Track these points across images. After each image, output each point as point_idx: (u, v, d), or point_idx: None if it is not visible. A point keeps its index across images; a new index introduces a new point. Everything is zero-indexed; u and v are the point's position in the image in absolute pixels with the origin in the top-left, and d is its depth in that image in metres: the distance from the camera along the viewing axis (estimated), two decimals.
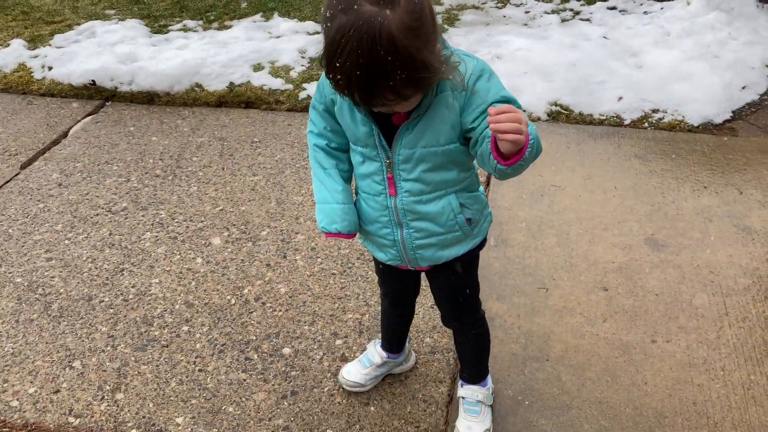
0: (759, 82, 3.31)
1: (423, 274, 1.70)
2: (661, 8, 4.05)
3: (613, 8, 4.18)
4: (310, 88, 3.49)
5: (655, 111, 3.17)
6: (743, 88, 3.27)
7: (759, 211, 2.53)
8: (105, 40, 3.99)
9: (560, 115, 3.20)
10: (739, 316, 2.10)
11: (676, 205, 2.60)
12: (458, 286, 1.61)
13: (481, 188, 1.52)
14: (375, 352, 1.91)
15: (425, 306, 2.20)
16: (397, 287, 1.71)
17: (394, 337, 1.88)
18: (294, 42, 3.90)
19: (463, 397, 1.78)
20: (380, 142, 1.34)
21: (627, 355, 1.98)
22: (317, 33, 4.05)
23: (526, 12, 4.32)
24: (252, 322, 2.19)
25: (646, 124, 3.11)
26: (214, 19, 4.32)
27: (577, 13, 4.21)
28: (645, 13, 4.05)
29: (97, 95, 3.64)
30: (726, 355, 1.96)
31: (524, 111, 1.30)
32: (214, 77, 3.60)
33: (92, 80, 3.65)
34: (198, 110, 3.50)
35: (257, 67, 3.69)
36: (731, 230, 2.45)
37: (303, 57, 3.78)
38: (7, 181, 2.97)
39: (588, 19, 4.07)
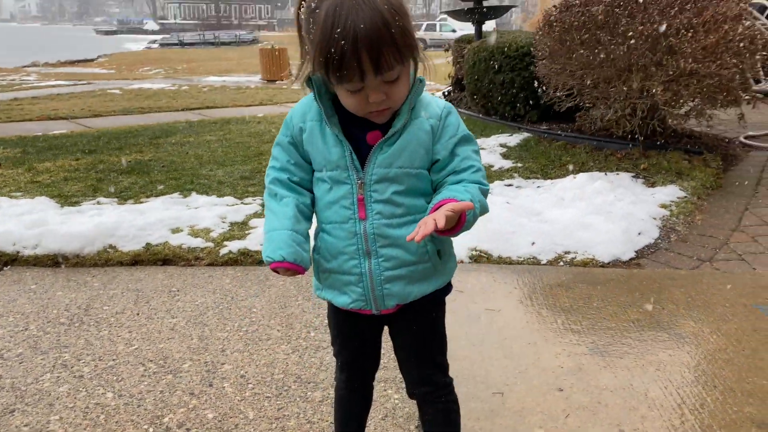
0: (651, 230, 3.64)
1: (384, 343, 1.57)
2: (552, 182, 4.52)
3: (510, 185, 4.61)
4: (232, 245, 3.43)
5: (567, 252, 3.36)
6: (639, 233, 3.57)
7: (684, 321, 2.62)
8: (10, 212, 3.83)
9: (481, 257, 3.31)
10: (696, 403, 2.05)
11: (607, 319, 2.64)
12: (427, 334, 1.49)
13: None
14: None
15: (375, 418, 1.98)
16: (356, 347, 1.55)
17: (350, 430, 1.65)
18: (214, 211, 3.92)
19: None
20: (353, 163, 1.34)
21: None
22: (236, 204, 4.11)
23: None
24: None
25: (562, 263, 3.27)
26: (129, 197, 4.30)
27: None
28: (538, 187, 4.49)
29: None
30: None
31: (479, 148, 1.40)
32: (129, 239, 3.48)
33: None
34: (110, 269, 3.30)
35: (176, 230, 3.63)
36: (664, 336, 2.49)
37: (224, 222, 3.78)
38: None
39: (489, 193, 4.42)
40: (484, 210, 1.36)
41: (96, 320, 2.71)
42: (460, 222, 1.27)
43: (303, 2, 1.25)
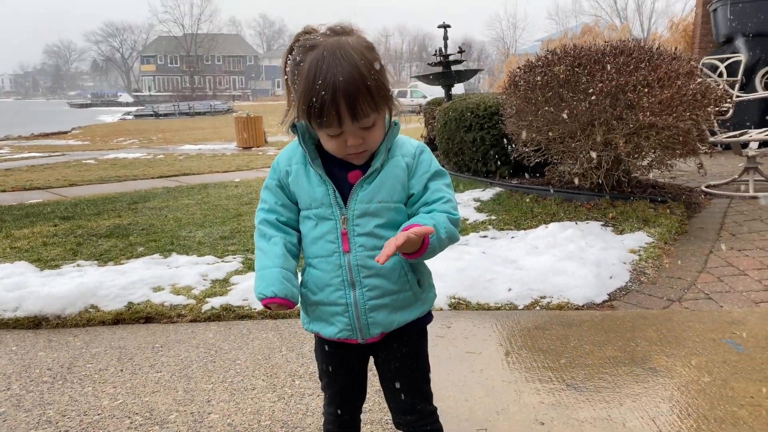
0: (622, 273, 3.78)
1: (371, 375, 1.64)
2: (525, 232, 4.66)
3: (485, 236, 4.74)
4: (214, 301, 3.47)
5: (542, 297, 3.47)
6: (611, 277, 3.70)
7: (657, 356, 2.71)
8: None
9: (460, 305, 3.39)
10: (672, 431, 2.12)
11: (582, 358, 2.72)
12: (411, 361, 1.57)
13: None
14: None
15: None
16: (343, 378, 1.61)
17: None
18: (195, 269, 3.96)
19: None
20: (336, 199, 1.45)
21: None
22: (217, 263, 4.16)
23: None
24: None
25: (538, 307, 3.37)
26: (109, 259, 4.33)
27: None
28: (512, 237, 4.63)
29: None
30: None
31: (450, 183, 1.52)
32: (111, 298, 3.50)
33: None
34: (92, 329, 3.31)
35: (158, 288, 3.65)
36: (638, 371, 2.58)
37: (205, 279, 3.82)
38: None
39: (466, 244, 4.55)
40: (453, 237, 1.46)
41: (79, 377, 2.71)
42: (423, 246, 1.37)
43: (289, 56, 1.38)
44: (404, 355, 1.55)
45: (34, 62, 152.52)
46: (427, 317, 1.58)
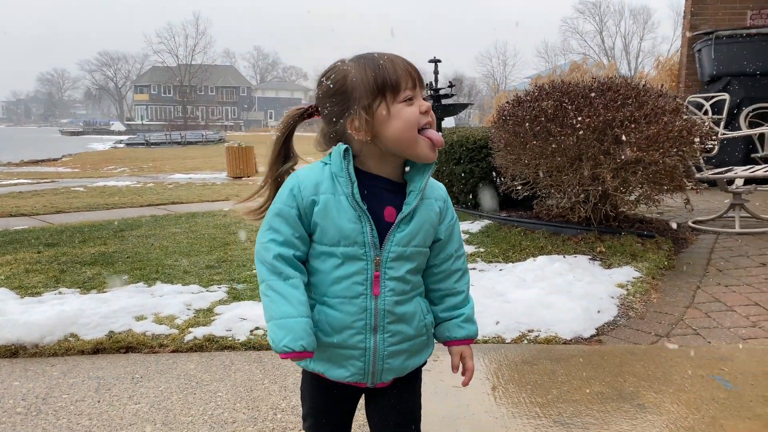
0: (610, 308, 3.76)
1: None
2: (513, 265, 4.65)
3: (473, 269, 4.72)
4: (197, 331, 3.41)
5: (530, 331, 3.43)
6: (599, 311, 3.68)
7: (645, 393, 2.67)
8: None
9: None
10: None
11: (570, 393, 2.68)
12: (409, 407, 1.55)
13: None
14: None
15: None
16: (334, 418, 1.56)
17: None
18: (179, 299, 3.90)
19: None
20: (372, 239, 1.34)
21: None
22: (201, 292, 4.10)
23: None
24: None
25: (525, 341, 3.33)
26: (92, 288, 4.26)
27: None
28: (500, 270, 4.61)
29: None
30: None
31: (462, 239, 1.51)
32: (92, 327, 3.42)
33: None
34: (71, 358, 3.23)
35: (140, 318, 3.59)
36: (627, 407, 2.54)
37: (189, 309, 3.76)
38: None
39: None
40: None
41: (54, 409, 2.63)
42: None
43: (326, 81, 1.37)
44: (403, 395, 1.53)
45: (27, 90, 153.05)
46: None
